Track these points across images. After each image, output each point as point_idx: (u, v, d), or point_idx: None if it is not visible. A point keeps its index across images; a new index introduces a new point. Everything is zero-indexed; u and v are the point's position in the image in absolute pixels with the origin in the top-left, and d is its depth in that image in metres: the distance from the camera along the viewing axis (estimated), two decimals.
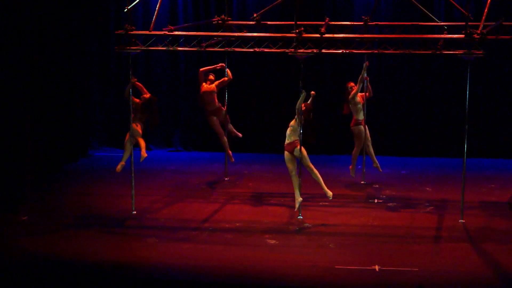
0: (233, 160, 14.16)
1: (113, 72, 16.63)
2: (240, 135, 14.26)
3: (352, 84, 13.54)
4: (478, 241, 10.85)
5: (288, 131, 11.84)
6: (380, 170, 13.77)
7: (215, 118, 14.00)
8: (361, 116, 13.59)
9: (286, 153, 11.86)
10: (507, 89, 15.91)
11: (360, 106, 13.54)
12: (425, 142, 16.27)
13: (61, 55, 15.14)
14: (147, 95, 12.63)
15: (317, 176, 11.78)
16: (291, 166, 11.83)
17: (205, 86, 13.90)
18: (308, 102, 11.93)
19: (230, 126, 14.18)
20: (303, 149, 11.74)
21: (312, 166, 11.76)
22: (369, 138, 13.78)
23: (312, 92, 11.95)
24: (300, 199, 11.72)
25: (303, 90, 11.52)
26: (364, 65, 13.38)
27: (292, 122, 11.78)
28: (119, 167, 12.43)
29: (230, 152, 14.12)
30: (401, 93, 16.17)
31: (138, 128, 12.51)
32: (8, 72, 12.80)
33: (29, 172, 12.35)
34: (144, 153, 12.40)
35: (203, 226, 11.51)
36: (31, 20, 13.44)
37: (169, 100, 16.73)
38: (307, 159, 11.75)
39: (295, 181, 11.75)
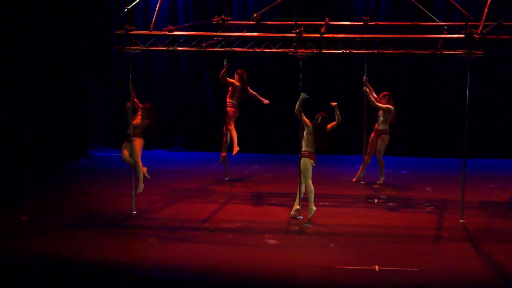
0: (220, 162, 14.14)
1: (113, 72, 16.63)
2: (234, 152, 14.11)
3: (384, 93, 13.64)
4: (478, 241, 10.85)
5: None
6: (378, 183, 13.78)
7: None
8: (377, 125, 13.67)
9: None
10: (507, 89, 15.91)
11: (379, 115, 13.63)
12: (425, 142, 16.28)
13: (61, 55, 15.14)
14: (146, 105, 12.30)
15: (310, 193, 11.69)
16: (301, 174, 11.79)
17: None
18: (335, 120, 11.74)
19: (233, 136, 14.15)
20: (303, 162, 11.67)
21: (309, 183, 11.65)
22: (379, 150, 13.71)
23: (333, 103, 11.78)
24: (298, 207, 11.71)
25: (303, 92, 11.51)
26: (364, 80, 13.46)
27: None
28: (141, 187, 12.25)
29: (224, 153, 14.10)
30: (401, 93, 16.15)
31: (137, 143, 12.14)
32: (8, 72, 12.81)
33: (29, 172, 12.34)
34: (141, 185, 12.22)
35: (203, 226, 11.51)
36: (31, 20, 13.44)
37: (169, 100, 16.73)
38: (304, 175, 11.63)
39: (299, 188, 11.72)
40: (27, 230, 11.26)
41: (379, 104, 13.56)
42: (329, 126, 11.73)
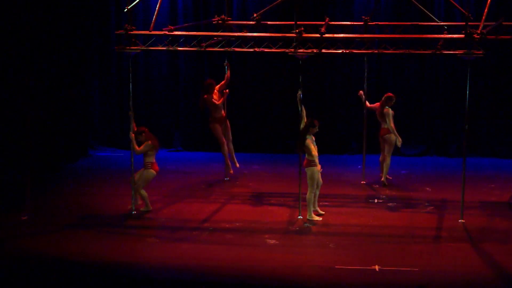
0: (232, 171, 14.13)
1: (113, 72, 16.64)
2: (237, 165, 14.13)
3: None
4: (478, 241, 10.85)
5: None
6: (386, 183, 13.77)
7: (218, 125, 13.95)
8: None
9: None
10: (507, 89, 15.91)
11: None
12: (425, 142, 16.28)
13: (61, 55, 15.15)
14: (141, 128, 12.11)
15: (308, 198, 11.73)
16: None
17: (215, 97, 13.80)
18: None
19: (232, 153, 14.12)
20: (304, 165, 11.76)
21: (309, 187, 11.72)
22: (386, 149, 13.72)
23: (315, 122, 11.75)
24: (319, 213, 11.78)
25: (299, 92, 11.52)
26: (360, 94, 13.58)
27: None
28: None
29: (229, 162, 14.08)
30: (401, 93, 16.12)
31: (149, 175, 12.10)
32: (8, 72, 12.82)
33: (29, 172, 12.34)
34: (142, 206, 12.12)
35: (203, 226, 11.51)
36: (31, 20, 13.45)
37: (169, 100, 16.73)
38: (308, 178, 11.69)
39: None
40: (27, 230, 11.26)
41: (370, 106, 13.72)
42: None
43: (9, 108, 12.86)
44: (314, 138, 11.72)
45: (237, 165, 14.07)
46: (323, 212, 11.92)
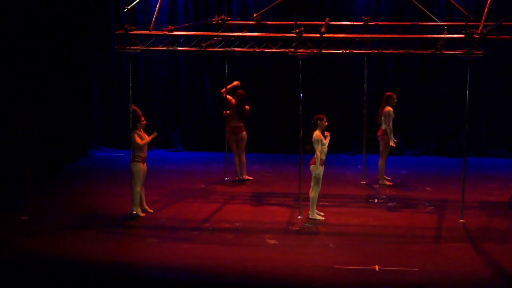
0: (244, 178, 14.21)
1: (113, 72, 16.63)
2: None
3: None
4: (478, 241, 10.85)
5: None
6: (387, 183, 13.77)
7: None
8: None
9: None
10: (507, 89, 15.91)
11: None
12: (425, 142, 16.28)
13: (61, 55, 15.14)
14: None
15: (312, 197, 11.74)
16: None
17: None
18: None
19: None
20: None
21: (312, 186, 11.72)
22: (380, 149, 13.70)
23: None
24: (320, 218, 11.77)
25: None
26: None
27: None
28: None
29: (246, 173, 14.18)
30: (401, 93, 16.13)
31: (140, 168, 11.86)
32: (8, 72, 12.81)
33: (29, 172, 12.34)
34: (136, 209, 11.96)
35: (203, 226, 11.51)
36: (31, 20, 13.44)
37: (169, 100, 16.73)
38: (312, 177, 11.71)
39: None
40: (27, 230, 11.26)
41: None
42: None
43: (9, 108, 12.84)
44: (326, 140, 11.71)
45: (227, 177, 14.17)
46: (323, 213, 11.92)
